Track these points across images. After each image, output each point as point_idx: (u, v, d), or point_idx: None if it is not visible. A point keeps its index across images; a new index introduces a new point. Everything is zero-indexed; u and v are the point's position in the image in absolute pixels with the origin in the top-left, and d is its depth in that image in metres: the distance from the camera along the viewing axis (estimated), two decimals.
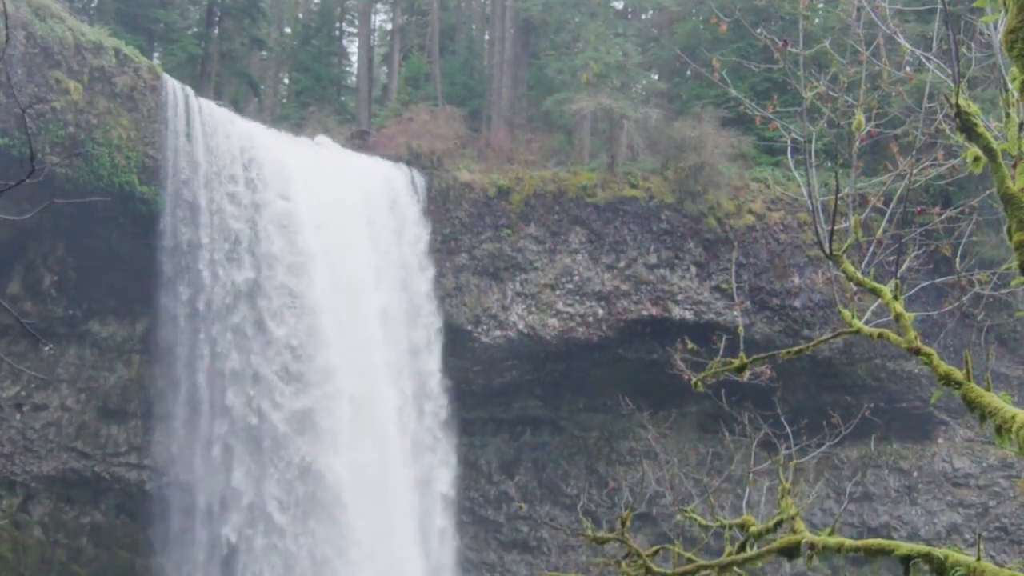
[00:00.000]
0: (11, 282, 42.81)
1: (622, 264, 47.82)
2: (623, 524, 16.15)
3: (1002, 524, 49.01)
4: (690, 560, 15.42)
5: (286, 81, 77.12)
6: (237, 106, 56.31)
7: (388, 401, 45.06)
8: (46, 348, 43.44)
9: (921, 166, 14.64)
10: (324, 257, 44.25)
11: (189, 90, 43.98)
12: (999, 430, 11.76)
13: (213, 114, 43.95)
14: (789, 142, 15.49)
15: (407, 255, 47.26)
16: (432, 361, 47.12)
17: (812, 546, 13.58)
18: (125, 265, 43.40)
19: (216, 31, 59.92)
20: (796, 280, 47.62)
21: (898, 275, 13.46)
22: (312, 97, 67.31)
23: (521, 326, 47.53)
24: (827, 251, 13.74)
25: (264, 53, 70.85)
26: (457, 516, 48.69)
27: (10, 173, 38.64)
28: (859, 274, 13.95)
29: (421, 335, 46.95)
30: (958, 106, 11.73)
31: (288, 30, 78.25)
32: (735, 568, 14.90)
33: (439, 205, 48.37)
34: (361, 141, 52.94)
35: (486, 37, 69.32)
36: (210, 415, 43.80)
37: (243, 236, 43.46)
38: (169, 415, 44.89)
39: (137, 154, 42.18)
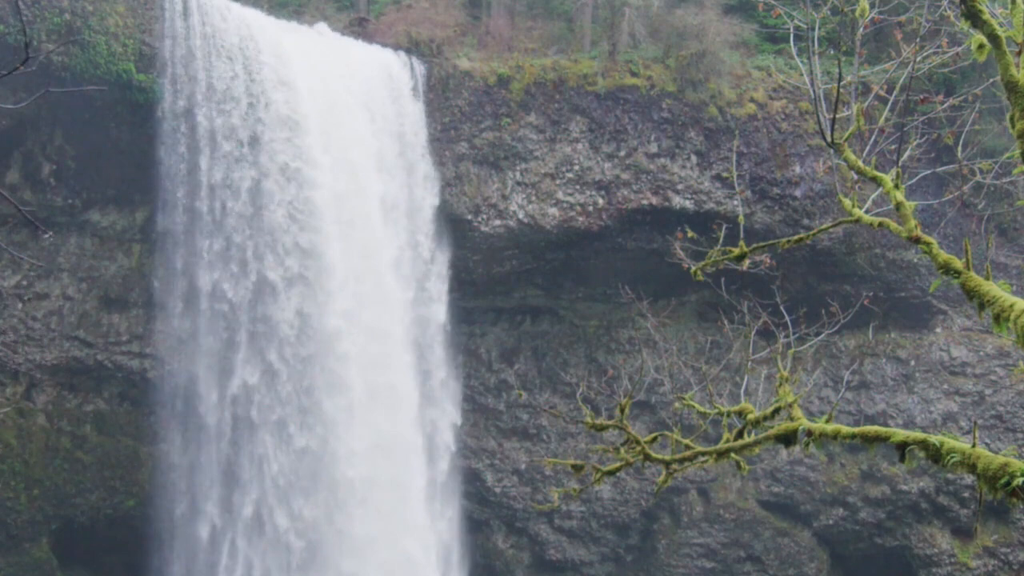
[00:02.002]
0: (9, 171, 42.69)
1: (622, 153, 47.63)
2: (622, 411, 16.27)
3: (998, 412, 49.45)
4: (688, 447, 15.56)
5: None
6: None
7: (389, 291, 45.29)
8: (46, 236, 43.43)
9: (925, 54, 14.53)
10: (324, 145, 44.04)
11: None
12: (997, 318, 11.82)
13: (210, 0, 43.44)
14: (792, 29, 15.35)
15: (407, 144, 47.03)
16: (431, 250, 47.21)
17: (809, 433, 13.71)
18: (124, 154, 43.22)
19: None
20: (797, 169, 47.48)
21: (899, 164, 13.42)
22: None
23: (521, 215, 47.47)
24: (829, 140, 13.69)
25: None
26: (458, 404, 49.17)
27: (6, 61, 38.48)
28: (860, 163, 13.91)
29: (420, 223, 46.94)
30: None
31: None
32: (733, 454, 15.05)
33: (439, 94, 48.03)
34: (360, 28, 52.36)
35: None
36: (210, 303, 43.94)
37: (242, 124, 43.20)
38: (170, 304, 45.04)
39: (134, 42, 41.80)
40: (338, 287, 44.33)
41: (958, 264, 12.64)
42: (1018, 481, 10.83)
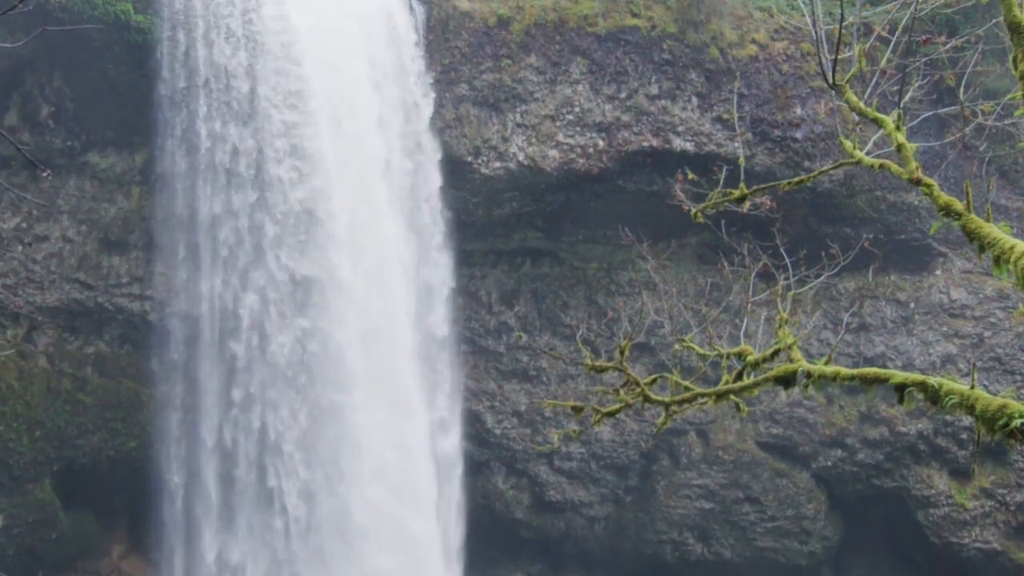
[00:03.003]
0: (8, 113, 42.57)
1: (623, 95, 47.42)
2: (622, 353, 16.29)
3: (996, 354, 49.54)
4: (687, 388, 15.59)
5: None
6: None
7: (387, 225, 45.10)
8: (44, 175, 43.35)
9: None
10: (322, 87, 43.80)
11: None
12: (997, 260, 11.81)
13: None
14: None
15: (406, 86, 46.75)
16: (432, 194, 47.08)
17: (808, 375, 13.73)
18: (123, 96, 43.06)
19: None
20: (798, 111, 47.29)
21: (901, 105, 13.38)
22: None
23: (521, 157, 47.33)
24: (830, 81, 13.65)
25: None
26: (457, 346, 49.25)
27: (2, 1, 38.13)
28: (862, 104, 13.87)
29: (421, 166, 46.77)
30: None
31: None
32: (732, 396, 15.09)
33: (438, 35, 47.71)
34: None
35: None
36: (210, 242, 43.90)
37: (240, 65, 43.01)
38: (170, 246, 45.03)
39: None
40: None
41: (959, 206, 12.62)
42: (1016, 423, 10.86)
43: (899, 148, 13.44)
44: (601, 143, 47.45)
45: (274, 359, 43.28)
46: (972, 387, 11.70)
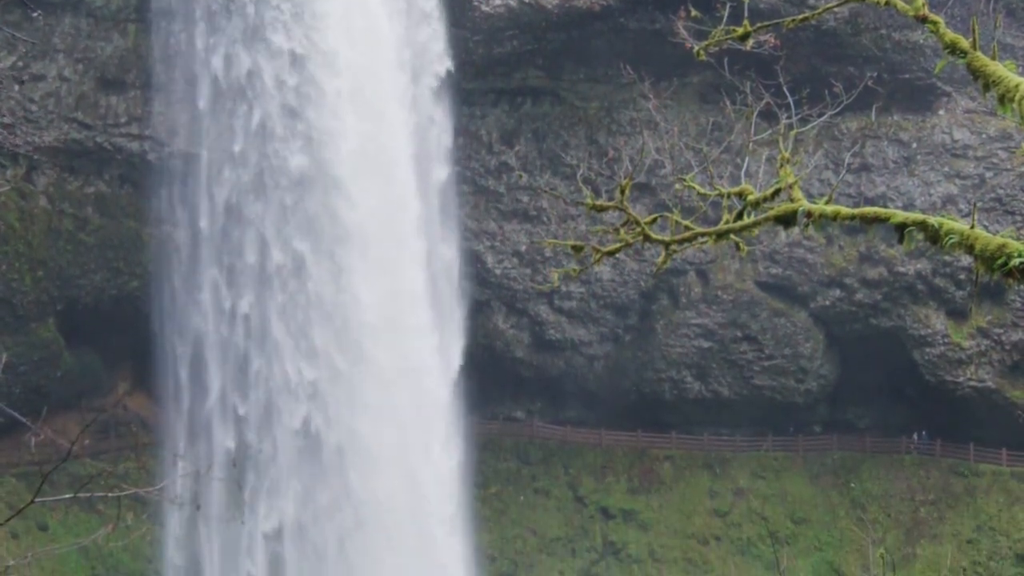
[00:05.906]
0: None
1: None
2: (622, 193, 16.23)
3: (997, 195, 49.51)
4: (688, 228, 15.57)
5: None
6: None
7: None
8: (35, 15, 42.77)
9: None
10: None
11: None
12: (1002, 99, 11.72)
13: None
14: None
15: None
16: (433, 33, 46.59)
17: (809, 214, 13.71)
18: None
19: None
20: None
21: None
22: None
23: None
24: None
25: None
26: (458, 186, 49.19)
27: None
28: None
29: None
30: None
31: None
32: (732, 235, 15.09)
33: None
34: None
35: None
36: (208, 80, 43.52)
37: None
38: (168, 85, 44.65)
39: None
40: None
41: (964, 44, 12.47)
42: (1015, 262, 10.87)
43: None
44: None
45: (273, 193, 43.46)
46: (972, 227, 11.69)
